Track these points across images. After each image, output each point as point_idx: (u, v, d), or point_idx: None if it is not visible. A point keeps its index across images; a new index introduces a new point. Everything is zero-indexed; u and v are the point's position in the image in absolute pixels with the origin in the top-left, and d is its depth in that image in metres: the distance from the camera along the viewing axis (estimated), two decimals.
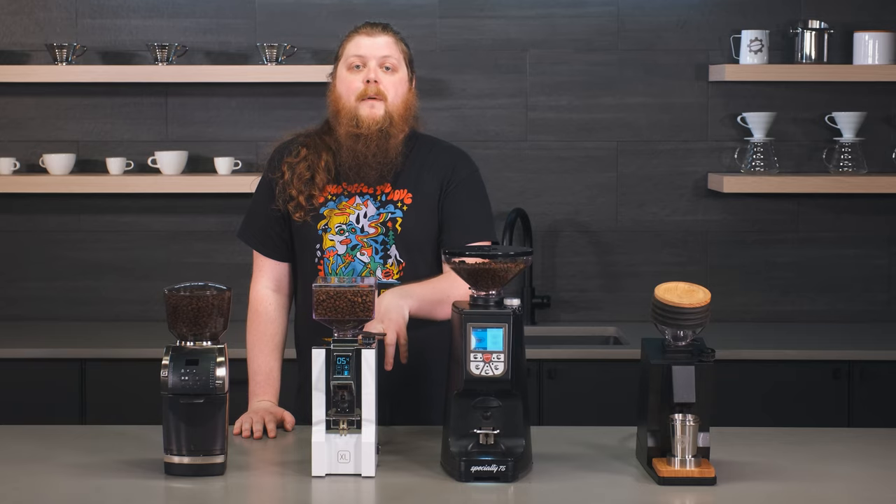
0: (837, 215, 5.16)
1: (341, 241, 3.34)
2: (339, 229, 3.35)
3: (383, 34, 3.37)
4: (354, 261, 3.33)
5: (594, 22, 5.12)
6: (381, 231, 3.34)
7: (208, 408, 2.85)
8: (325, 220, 3.36)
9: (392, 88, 3.34)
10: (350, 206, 3.36)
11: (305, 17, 5.10)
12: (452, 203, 3.38)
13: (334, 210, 3.36)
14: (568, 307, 5.16)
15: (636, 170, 5.15)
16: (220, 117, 5.12)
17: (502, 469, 2.83)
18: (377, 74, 3.33)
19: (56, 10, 5.10)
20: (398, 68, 3.36)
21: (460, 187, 3.40)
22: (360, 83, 3.33)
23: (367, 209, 3.36)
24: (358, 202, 3.36)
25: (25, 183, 4.98)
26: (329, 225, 3.35)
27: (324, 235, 3.35)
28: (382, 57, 3.34)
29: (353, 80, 3.34)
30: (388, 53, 3.35)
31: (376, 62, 3.34)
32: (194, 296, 2.87)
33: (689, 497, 2.77)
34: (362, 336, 2.91)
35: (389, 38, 3.37)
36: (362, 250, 3.34)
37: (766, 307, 5.17)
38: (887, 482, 2.90)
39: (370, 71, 3.33)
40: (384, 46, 3.35)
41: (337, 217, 3.36)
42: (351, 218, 3.35)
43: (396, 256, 3.34)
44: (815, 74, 4.99)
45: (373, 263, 3.33)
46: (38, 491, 2.80)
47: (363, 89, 3.32)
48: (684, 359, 2.88)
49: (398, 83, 3.35)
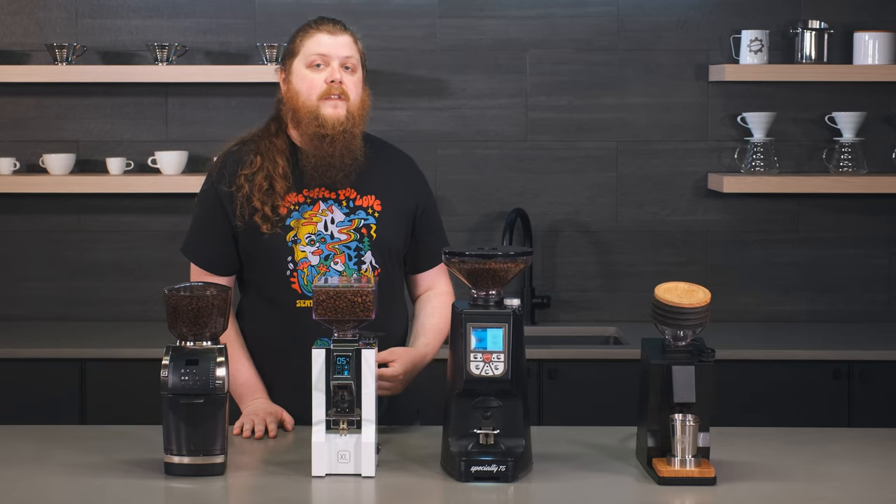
0: (837, 215, 5.16)
1: (313, 251, 3.29)
2: (310, 239, 3.30)
3: (344, 33, 3.35)
4: (329, 271, 3.30)
5: (594, 22, 5.12)
6: (355, 237, 3.31)
7: (208, 408, 2.85)
8: (293, 231, 3.30)
9: (353, 88, 3.32)
10: (315, 213, 3.32)
11: (305, 17, 5.01)
12: (427, 226, 3.43)
13: (300, 220, 3.31)
14: (568, 307, 5.16)
15: (636, 170, 5.15)
16: (220, 117, 5.12)
17: (502, 469, 2.83)
18: (341, 74, 3.31)
19: (56, 10, 5.10)
20: (357, 68, 3.35)
21: (430, 210, 3.46)
22: (323, 82, 3.30)
23: (333, 215, 3.32)
24: (323, 208, 3.32)
25: (25, 183, 4.98)
26: (298, 236, 3.30)
27: (294, 247, 3.30)
28: (345, 57, 3.32)
29: (315, 78, 3.31)
30: (349, 54, 3.33)
31: (339, 62, 3.31)
32: (194, 296, 2.87)
33: (689, 497, 2.77)
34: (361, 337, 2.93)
35: (349, 37, 3.35)
36: (335, 258, 3.30)
37: (766, 307, 5.17)
38: (887, 482, 2.90)
39: (334, 71, 3.30)
40: (346, 46, 3.33)
41: (305, 227, 3.31)
42: (319, 226, 3.31)
43: (372, 262, 3.32)
44: (815, 74, 4.99)
45: (348, 271, 3.30)
46: (38, 491, 2.80)
47: (326, 89, 3.29)
48: (684, 359, 2.88)
49: (357, 83, 3.34)
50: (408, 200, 3.40)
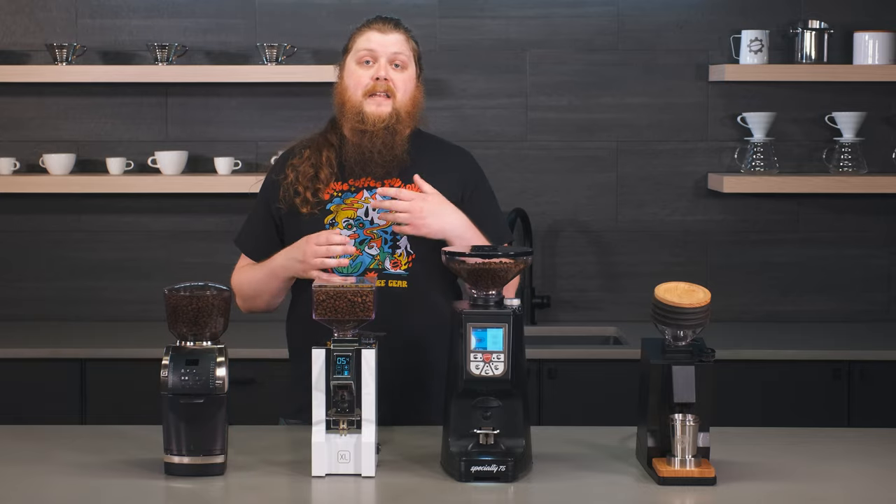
0: (837, 215, 5.16)
1: (349, 235, 3.33)
2: (347, 224, 3.35)
3: (395, 31, 3.38)
4: (363, 254, 3.33)
5: (594, 22, 5.12)
6: (392, 222, 3.34)
7: (208, 408, 2.85)
8: (331, 215, 3.36)
9: (401, 85, 3.36)
10: (358, 200, 3.36)
11: (305, 17, 5.10)
12: (477, 209, 3.40)
13: (341, 206, 3.36)
14: (568, 307, 5.16)
15: (636, 170, 5.15)
16: (220, 117, 5.12)
17: (502, 469, 2.83)
18: (387, 71, 3.34)
19: (56, 10, 5.10)
20: (408, 65, 3.37)
21: (481, 193, 3.46)
22: (369, 79, 3.34)
23: (375, 202, 3.36)
24: (366, 196, 3.36)
25: (25, 183, 4.98)
26: (336, 220, 3.35)
27: (331, 230, 3.34)
28: (393, 53, 3.35)
29: (363, 74, 3.35)
30: (398, 50, 3.36)
31: (387, 59, 3.35)
32: (194, 296, 2.87)
33: (689, 497, 2.77)
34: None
35: (401, 34, 3.39)
36: (371, 243, 3.34)
37: (766, 307, 5.17)
38: (887, 482, 2.90)
39: (380, 68, 3.34)
40: (395, 43, 3.36)
41: (345, 212, 3.36)
42: (359, 212, 3.35)
43: (407, 247, 3.34)
44: (815, 74, 4.99)
45: (381, 254, 3.33)
46: (38, 491, 2.80)
47: (372, 85, 3.33)
48: (684, 359, 2.88)
49: (407, 80, 3.37)
50: (452, 189, 3.40)
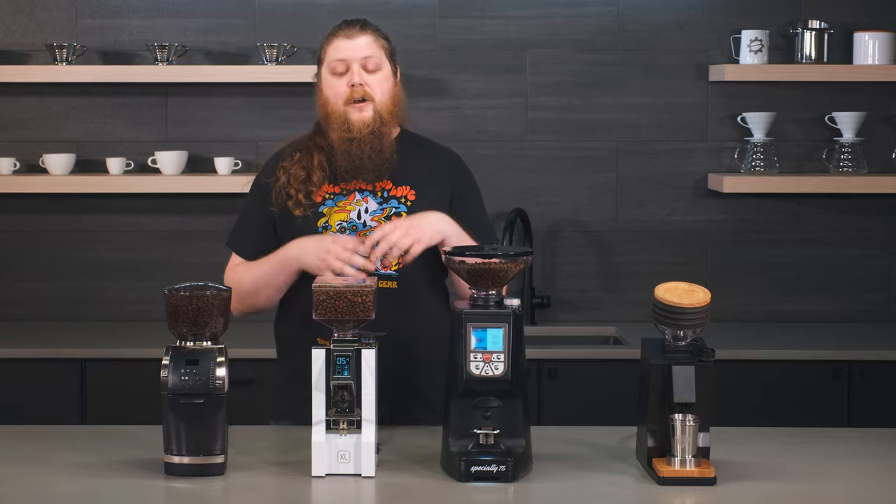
0: (837, 215, 5.16)
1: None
2: (340, 227, 3.34)
3: (361, 34, 3.36)
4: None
5: (594, 22, 5.12)
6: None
7: (208, 408, 2.85)
8: (324, 217, 3.36)
9: (378, 87, 3.35)
10: (350, 202, 3.36)
11: (305, 17, 5.10)
12: (465, 212, 3.40)
13: (334, 208, 3.36)
14: (568, 307, 5.16)
15: (636, 170, 5.15)
16: (220, 117, 5.12)
17: (502, 469, 2.83)
18: (361, 77, 3.33)
19: (56, 10, 5.10)
20: (381, 65, 3.36)
21: (470, 196, 3.46)
22: (346, 87, 3.34)
23: (367, 205, 3.36)
24: (358, 198, 3.36)
25: (25, 183, 4.98)
26: (329, 222, 3.35)
27: (324, 233, 3.34)
28: (364, 58, 3.34)
29: (338, 84, 3.34)
30: (368, 53, 3.35)
31: (358, 64, 3.34)
32: (194, 296, 2.87)
33: (689, 497, 2.77)
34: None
35: (369, 36, 3.37)
36: None
37: (766, 307, 5.17)
38: (888, 482, 2.90)
39: (353, 74, 3.33)
40: (364, 46, 3.35)
41: (338, 214, 3.36)
42: (352, 215, 3.35)
43: None
44: (815, 74, 4.99)
45: None
46: (38, 491, 2.80)
47: (349, 93, 3.33)
48: (684, 359, 2.88)
49: (383, 81, 3.36)
50: (443, 191, 3.41)
